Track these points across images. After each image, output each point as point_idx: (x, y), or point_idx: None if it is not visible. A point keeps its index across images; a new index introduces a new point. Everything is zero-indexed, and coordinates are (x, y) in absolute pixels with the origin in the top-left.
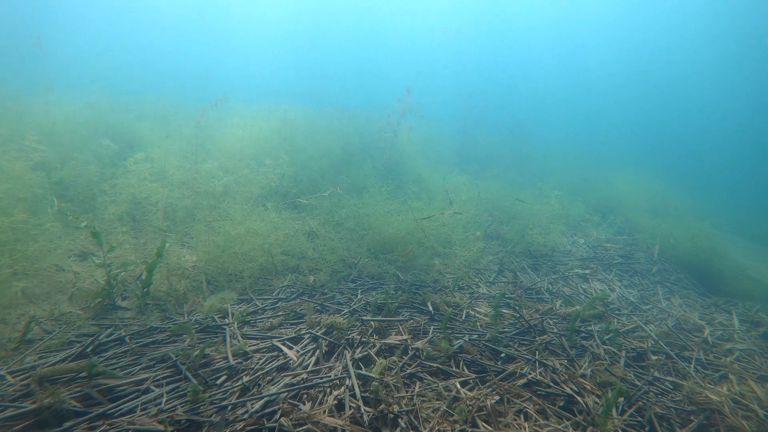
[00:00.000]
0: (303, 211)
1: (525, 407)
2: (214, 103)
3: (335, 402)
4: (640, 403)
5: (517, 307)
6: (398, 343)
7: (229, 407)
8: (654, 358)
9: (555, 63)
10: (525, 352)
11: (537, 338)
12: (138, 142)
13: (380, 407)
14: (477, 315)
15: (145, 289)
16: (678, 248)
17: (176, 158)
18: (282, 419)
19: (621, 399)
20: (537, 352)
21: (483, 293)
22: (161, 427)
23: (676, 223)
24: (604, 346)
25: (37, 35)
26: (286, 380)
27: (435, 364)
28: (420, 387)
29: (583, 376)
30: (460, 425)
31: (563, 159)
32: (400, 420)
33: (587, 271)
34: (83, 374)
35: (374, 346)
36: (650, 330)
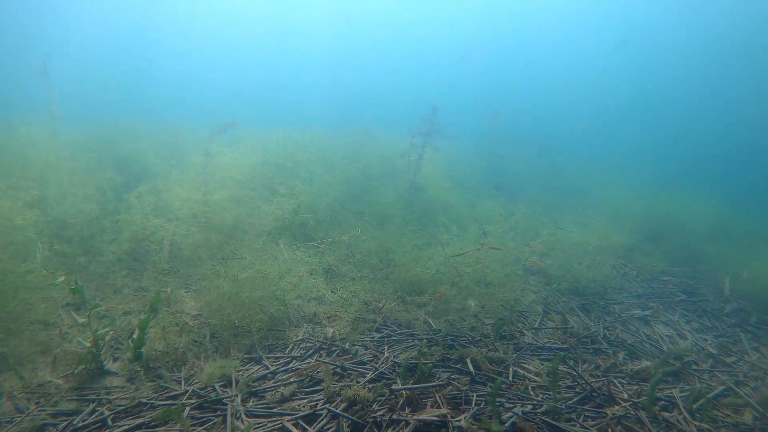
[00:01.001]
0: (319, 246)
1: None
2: (221, 129)
3: None
4: None
5: (574, 363)
6: (436, 419)
7: None
8: None
9: (583, 74)
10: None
11: (606, 409)
12: (147, 172)
13: None
14: (526, 374)
15: (138, 351)
16: (756, 283)
17: (184, 189)
18: None
19: None
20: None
21: (529, 343)
22: None
23: (744, 250)
24: (696, 423)
25: (44, 61)
26: None
27: None
28: None
29: None
30: None
31: (600, 176)
32: None
33: (647, 312)
34: None
35: (407, 424)
36: (746, 394)
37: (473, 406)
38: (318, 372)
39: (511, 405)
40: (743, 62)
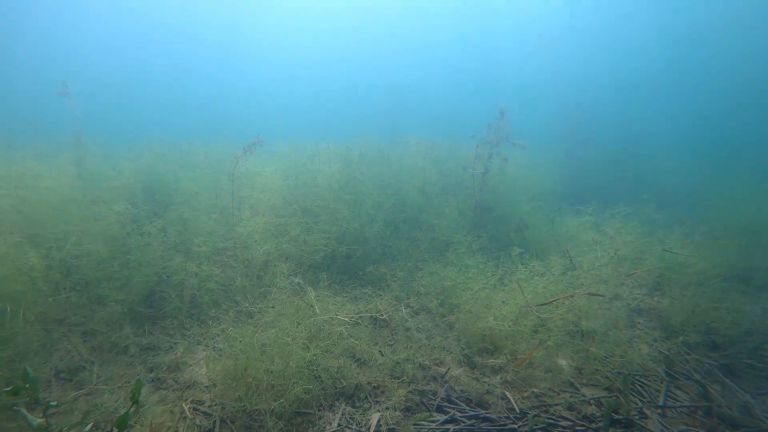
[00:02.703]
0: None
1: None
2: (247, 149)
3: None
4: None
5: None
6: None
7: None
8: None
9: (674, 61)
10: None
11: None
12: (175, 199)
13: None
14: None
15: None
16: None
17: (211, 218)
18: None
19: None
20: None
21: None
22: None
23: None
24: None
25: (65, 83)
26: None
27: None
28: None
29: None
30: None
31: (703, 179)
32: None
33: None
34: None
35: None
36: None
37: None
38: None
39: None
40: None
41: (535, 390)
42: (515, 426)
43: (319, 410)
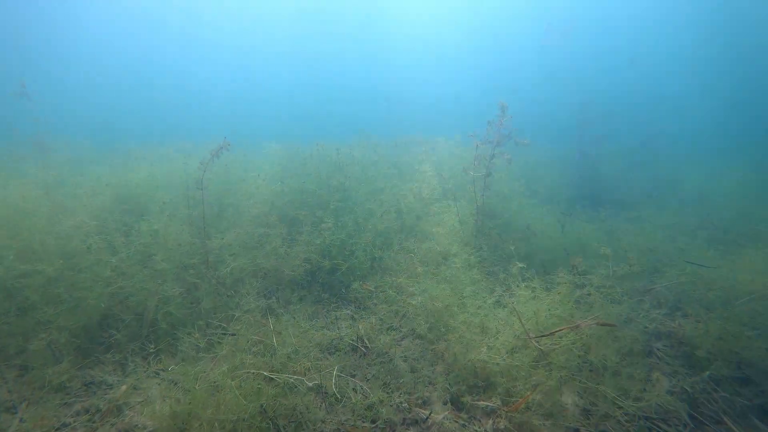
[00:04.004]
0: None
1: None
2: (214, 154)
3: None
4: None
5: None
6: None
7: None
8: None
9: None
10: None
11: None
12: (148, 209)
13: None
14: None
15: None
16: None
17: (185, 230)
18: None
19: None
20: None
21: None
22: None
23: None
24: None
25: (23, 81)
26: None
27: None
28: None
29: None
30: None
31: (727, 178)
32: None
33: None
34: None
35: None
36: None
37: None
38: None
39: None
40: None
41: None
42: None
43: None
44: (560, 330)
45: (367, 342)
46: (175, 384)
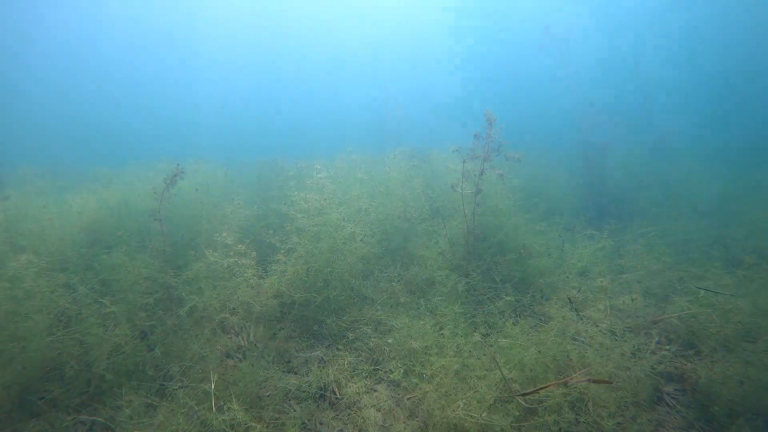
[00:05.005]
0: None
1: None
2: (169, 182)
3: None
4: None
5: None
6: None
7: None
8: None
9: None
10: None
11: None
12: (125, 240)
13: None
14: None
15: None
16: None
17: (144, 265)
18: None
19: None
20: None
21: None
22: None
23: None
24: None
25: None
26: None
27: None
28: None
29: None
30: None
31: (744, 187)
32: None
33: None
34: None
35: None
36: None
37: None
38: None
39: None
40: None
41: None
42: None
43: None
44: (546, 387)
45: (336, 389)
46: None
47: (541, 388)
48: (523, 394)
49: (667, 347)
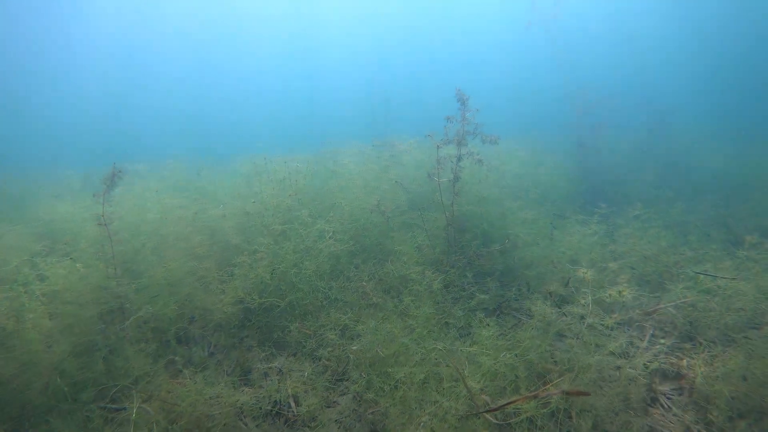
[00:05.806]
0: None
1: None
2: (109, 185)
3: None
4: None
5: None
6: None
7: None
8: None
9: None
10: None
11: None
12: (76, 246)
13: None
14: None
15: None
16: None
17: (94, 274)
18: None
19: None
20: None
21: None
22: None
23: None
24: None
25: None
26: None
27: None
28: None
29: None
30: None
31: (746, 163)
32: None
33: None
34: None
35: None
36: None
37: None
38: None
39: None
40: None
41: None
42: None
43: None
44: (516, 401)
45: (293, 405)
46: None
47: (509, 403)
48: (489, 410)
49: (662, 340)
